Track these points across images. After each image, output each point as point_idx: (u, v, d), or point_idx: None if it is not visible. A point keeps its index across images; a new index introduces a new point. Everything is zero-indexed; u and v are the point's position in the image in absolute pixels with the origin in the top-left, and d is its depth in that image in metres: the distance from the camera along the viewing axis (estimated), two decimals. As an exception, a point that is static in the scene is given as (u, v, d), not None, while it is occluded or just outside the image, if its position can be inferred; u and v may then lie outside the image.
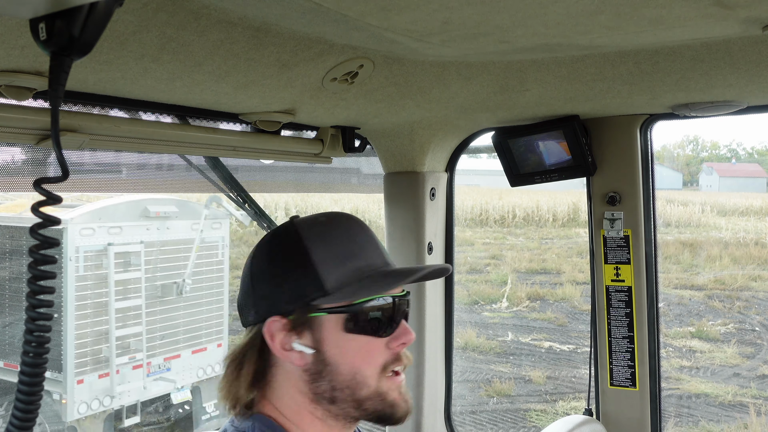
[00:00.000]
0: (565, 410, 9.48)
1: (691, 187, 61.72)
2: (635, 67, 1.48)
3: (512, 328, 13.53)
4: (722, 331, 13.01)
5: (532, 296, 15.52)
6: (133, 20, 1.01)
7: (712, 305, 14.89)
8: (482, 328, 13.49)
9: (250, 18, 1.09)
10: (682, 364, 11.35)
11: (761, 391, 10.05)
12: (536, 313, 14.45)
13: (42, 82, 1.19)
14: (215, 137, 1.74)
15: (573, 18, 1.09)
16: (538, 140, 2.13)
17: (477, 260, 20.10)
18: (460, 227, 26.76)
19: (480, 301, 15.55)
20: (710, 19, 1.10)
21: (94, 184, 2.40)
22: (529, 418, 9.31)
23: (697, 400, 9.83)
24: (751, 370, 10.96)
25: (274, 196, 24.13)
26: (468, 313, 14.71)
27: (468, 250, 21.88)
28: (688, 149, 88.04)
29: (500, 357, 11.85)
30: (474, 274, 18.14)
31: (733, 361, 11.41)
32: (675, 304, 15.01)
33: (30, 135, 1.38)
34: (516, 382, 10.61)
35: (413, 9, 1.03)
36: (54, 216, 0.85)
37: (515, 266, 18.78)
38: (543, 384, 10.50)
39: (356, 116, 1.91)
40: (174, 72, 1.26)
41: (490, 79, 1.59)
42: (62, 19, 0.76)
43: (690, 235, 24.99)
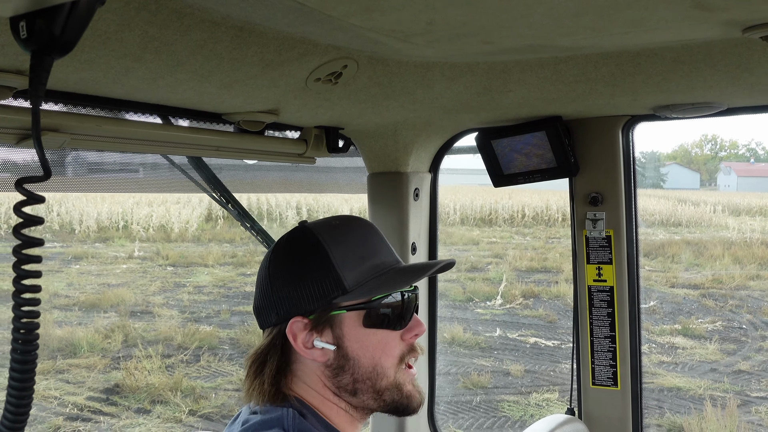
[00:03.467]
0: (537, 402, 9.68)
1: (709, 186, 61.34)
2: (617, 68, 1.49)
3: (502, 324, 13.67)
4: (709, 328, 13.18)
5: (527, 294, 15.63)
6: (115, 19, 1.00)
7: (704, 303, 15.04)
8: (472, 324, 13.63)
9: (233, 17, 1.08)
10: (661, 360, 11.53)
11: (733, 386, 10.23)
12: (528, 310, 14.58)
13: (23, 81, 1.17)
14: (198, 137, 1.73)
15: (556, 20, 1.10)
16: (521, 141, 2.14)
17: (480, 259, 20.15)
18: (468, 226, 26.84)
19: (475, 298, 15.68)
20: (691, 22, 1.12)
21: (76, 185, 2.38)
22: (501, 408, 9.49)
23: (669, 394, 10.00)
24: (728, 366, 11.15)
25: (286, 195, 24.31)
26: (461, 310, 14.84)
27: (472, 249, 21.93)
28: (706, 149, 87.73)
29: (484, 352, 12.00)
30: (473, 272, 18.23)
31: (713, 357, 11.58)
32: (668, 302, 15.16)
33: (10, 134, 1.37)
34: (495, 375, 10.79)
35: (397, 10, 1.03)
36: (37, 216, 0.85)
37: (516, 265, 18.88)
38: (521, 377, 10.67)
39: (340, 116, 1.90)
40: (156, 71, 1.25)
41: (474, 79, 1.60)
42: (43, 18, 0.75)
43: (697, 234, 25.12)
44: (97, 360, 10.80)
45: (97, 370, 10.43)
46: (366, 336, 1.35)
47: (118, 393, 9.56)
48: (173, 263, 19.22)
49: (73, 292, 15.32)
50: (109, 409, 9.02)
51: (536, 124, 2.09)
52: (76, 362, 10.71)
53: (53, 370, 10.34)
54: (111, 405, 9.15)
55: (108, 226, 23.83)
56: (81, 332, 11.89)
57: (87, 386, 9.76)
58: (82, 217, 23.96)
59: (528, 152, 2.15)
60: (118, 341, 11.70)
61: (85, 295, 14.94)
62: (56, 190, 4.03)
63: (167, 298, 15.25)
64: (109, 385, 9.80)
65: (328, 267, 1.33)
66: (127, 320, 12.98)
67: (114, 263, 18.95)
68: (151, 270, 18.23)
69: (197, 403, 9.11)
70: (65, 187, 2.48)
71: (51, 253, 19.44)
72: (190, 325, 12.70)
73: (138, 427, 8.45)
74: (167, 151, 1.99)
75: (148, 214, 24.75)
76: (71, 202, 24.69)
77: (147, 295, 15.39)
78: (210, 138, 1.76)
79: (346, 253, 1.35)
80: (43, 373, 10.07)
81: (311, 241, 1.35)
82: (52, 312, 13.29)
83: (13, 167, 2.20)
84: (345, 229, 1.39)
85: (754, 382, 10.43)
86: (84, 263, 18.73)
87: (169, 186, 2.69)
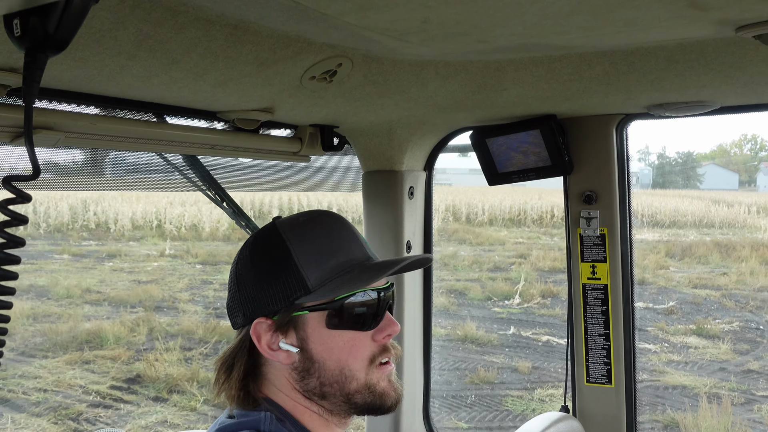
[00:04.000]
0: (540, 397, 9.78)
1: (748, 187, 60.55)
2: (611, 67, 1.49)
3: (517, 322, 13.77)
4: (726, 328, 13.21)
5: (546, 293, 15.70)
6: (109, 17, 1.00)
7: (724, 304, 15.08)
8: (487, 323, 13.75)
9: (228, 16, 1.08)
10: (671, 359, 11.61)
11: (739, 384, 10.29)
12: (545, 309, 14.69)
13: (16, 78, 1.17)
14: (193, 135, 1.73)
15: (550, 18, 1.10)
16: (515, 139, 2.14)
17: (504, 259, 20.16)
18: (497, 227, 26.83)
19: (493, 297, 15.78)
20: (685, 21, 1.12)
21: (70, 183, 2.37)
22: (504, 402, 9.61)
23: (673, 392, 10.07)
24: (738, 366, 11.20)
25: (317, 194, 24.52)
26: (478, 309, 14.95)
27: (497, 249, 21.94)
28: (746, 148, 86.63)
29: (496, 349, 12.11)
30: (495, 272, 18.31)
31: (724, 356, 11.65)
32: (688, 303, 15.21)
33: (4, 133, 1.36)
34: (502, 371, 10.90)
35: (392, 8, 1.03)
36: (22, 215, 0.84)
37: (539, 265, 18.88)
38: (528, 374, 10.79)
39: (335, 115, 1.90)
40: (151, 69, 1.25)
41: (469, 78, 1.60)
42: (37, 16, 0.75)
43: (729, 236, 25.02)
44: (122, 351, 11.24)
45: (120, 361, 10.84)
46: (331, 338, 1.29)
47: (138, 382, 9.95)
48: (202, 261, 19.52)
49: (104, 288, 15.87)
50: (130, 397, 9.44)
51: (531, 122, 2.10)
52: (102, 353, 11.17)
53: (80, 361, 10.81)
54: (131, 393, 9.57)
55: (142, 225, 24.22)
56: (108, 326, 12.43)
57: (110, 376, 10.22)
58: (117, 217, 24.49)
59: (522, 151, 2.16)
60: (142, 334, 12.18)
61: (115, 291, 15.48)
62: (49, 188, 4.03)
63: (193, 294, 15.66)
64: (131, 375, 10.21)
65: (290, 266, 1.28)
66: (152, 315, 13.48)
67: (145, 261, 19.43)
68: (180, 268, 18.62)
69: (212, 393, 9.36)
70: (58, 186, 2.47)
71: (86, 251, 20.26)
72: (212, 321, 13.11)
73: (155, 415, 8.82)
74: (162, 149, 1.99)
75: (181, 213, 25.20)
76: (107, 201, 25.29)
77: (174, 292, 15.80)
78: (205, 136, 1.76)
79: (310, 251, 1.30)
80: (71, 363, 10.63)
81: (275, 240, 1.31)
82: (83, 307, 14.02)
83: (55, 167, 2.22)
84: (311, 226, 1.34)
85: (762, 382, 10.45)
86: (117, 261, 19.31)
87: (164, 185, 2.69)
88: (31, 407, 9.00)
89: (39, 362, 10.73)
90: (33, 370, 10.42)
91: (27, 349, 11.34)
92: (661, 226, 27.03)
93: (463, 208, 28.29)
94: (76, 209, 24.98)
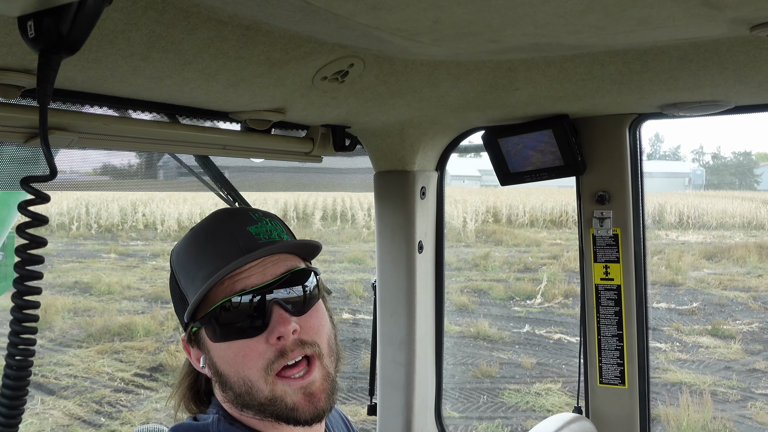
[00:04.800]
0: (537, 390, 10.01)
1: None
2: (624, 66, 1.49)
3: (533, 321, 13.93)
4: (744, 329, 13.20)
5: (569, 293, 15.80)
6: (122, 18, 1.00)
7: (750, 306, 15.05)
8: (503, 321, 13.92)
9: (240, 16, 1.08)
10: (679, 357, 11.66)
11: (740, 383, 10.37)
12: (565, 309, 14.81)
13: (30, 80, 1.18)
14: (205, 136, 1.73)
15: (562, 18, 1.10)
16: (528, 139, 2.14)
17: (537, 260, 20.22)
18: (537, 228, 26.82)
19: (516, 297, 15.93)
20: (698, 20, 1.11)
21: (84, 183, 2.39)
22: (501, 395, 9.90)
23: (672, 388, 10.20)
24: (745, 365, 11.24)
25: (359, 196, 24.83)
26: (498, 307, 15.12)
27: (533, 251, 21.99)
28: None
29: (506, 346, 12.30)
30: (525, 272, 18.42)
31: (734, 356, 11.68)
32: (713, 304, 15.18)
33: (18, 133, 1.37)
34: (506, 366, 11.11)
35: (403, 8, 1.03)
36: (42, 215, 0.85)
37: (569, 266, 18.92)
38: (530, 369, 11.00)
39: (346, 115, 1.91)
40: (163, 70, 1.26)
41: (481, 78, 1.60)
42: (51, 17, 0.76)
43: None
44: (150, 343, 12.06)
45: (146, 351, 11.67)
46: (222, 350, 1.24)
47: (160, 371, 10.77)
48: (238, 258, 20.16)
49: (143, 285, 16.76)
50: (150, 384, 10.28)
51: (543, 122, 2.09)
52: (131, 344, 12.02)
53: (110, 351, 11.71)
54: (152, 381, 10.40)
55: (188, 226, 25.14)
56: (139, 319, 13.31)
57: (136, 365, 11.06)
58: (164, 218, 25.24)
59: (535, 151, 2.15)
60: (170, 328, 12.91)
61: (153, 288, 16.31)
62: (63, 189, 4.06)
63: None
64: (154, 364, 11.02)
65: (177, 290, 1.32)
66: None
67: None
68: None
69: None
70: (72, 187, 2.49)
71: (132, 251, 21.33)
72: None
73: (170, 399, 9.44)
74: (174, 150, 2.00)
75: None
76: (155, 203, 26.23)
77: None
78: (217, 137, 1.76)
79: (185, 274, 1.30)
80: (102, 353, 11.58)
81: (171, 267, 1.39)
82: (122, 302, 15.00)
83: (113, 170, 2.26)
84: (186, 246, 1.34)
85: (764, 380, 10.53)
86: (160, 260, 20.06)
87: (176, 185, 2.70)
88: (60, 391, 9.80)
89: (73, 351, 11.63)
90: (67, 358, 11.22)
91: (64, 340, 12.26)
92: (707, 228, 26.82)
93: (504, 210, 28.30)
94: (126, 211, 26.09)
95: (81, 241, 22.85)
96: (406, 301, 2.29)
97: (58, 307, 14.02)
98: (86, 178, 2.24)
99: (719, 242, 23.09)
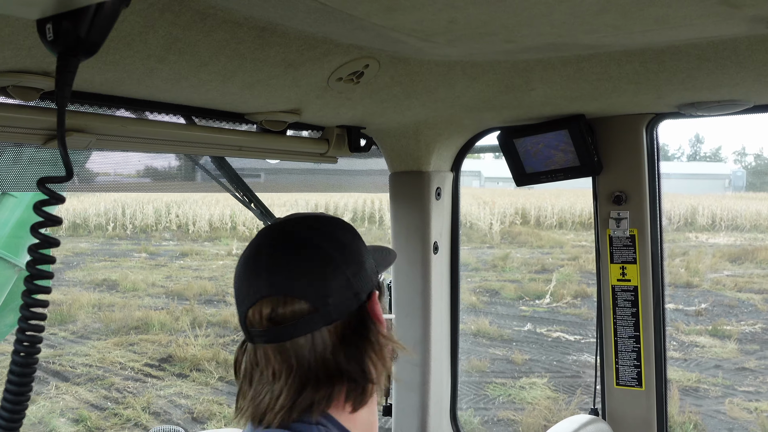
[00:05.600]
0: (521, 384, 10.24)
1: None
2: (641, 66, 1.47)
3: (536, 320, 14.02)
4: (747, 330, 13.14)
5: (579, 294, 15.80)
6: (140, 21, 1.01)
7: (759, 307, 14.94)
8: (506, 320, 14.06)
9: (255, 18, 1.09)
10: (671, 356, 11.68)
11: (725, 380, 10.48)
12: (572, 308, 14.82)
13: (49, 82, 1.19)
14: (221, 137, 1.74)
15: (579, 17, 1.09)
16: (543, 139, 2.13)
17: (556, 261, 20.16)
18: (565, 230, 26.78)
19: (526, 297, 16.01)
20: (717, 18, 1.10)
21: (100, 185, 2.41)
22: (486, 388, 10.20)
23: None
24: (736, 364, 11.30)
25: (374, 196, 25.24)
26: (506, 307, 15.23)
27: (555, 252, 21.92)
28: None
29: (504, 343, 12.44)
30: (540, 273, 18.44)
31: (727, 355, 11.71)
32: (723, 305, 15.09)
33: (37, 135, 1.39)
34: (498, 361, 11.36)
35: (418, 9, 1.03)
36: (56, 216, 0.85)
37: (587, 267, 18.87)
38: (521, 364, 11.20)
39: (362, 116, 1.91)
40: (180, 72, 1.27)
41: (496, 78, 1.59)
42: (69, 20, 0.76)
43: None
44: (163, 336, 12.71)
45: (159, 343, 12.31)
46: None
47: (169, 362, 11.44)
48: (263, 260, 20.79)
49: (168, 283, 17.32)
50: (158, 373, 10.94)
51: (559, 122, 2.08)
52: (146, 337, 12.67)
53: (125, 343, 12.37)
54: (160, 370, 11.06)
55: (219, 227, 25.60)
56: (155, 314, 13.94)
57: (147, 356, 11.71)
58: (196, 219, 25.93)
59: (551, 151, 2.14)
60: (185, 322, 13.62)
61: (175, 285, 16.85)
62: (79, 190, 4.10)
63: None
64: (164, 356, 11.68)
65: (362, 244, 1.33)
66: (200, 306, 14.98)
67: (213, 260, 20.81)
68: None
69: (227, 371, 10.80)
70: (88, 188, 2.50)
71: (163, 251, 21.98)
72: None
73: (173, 388, 10.31)
74: (190, 151, 2.01)
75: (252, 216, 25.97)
76: (188, 204, 26.88)
77: (227, 287, 16.70)
78: (232, 138, 1.77)
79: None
80: (118, 345, 12.23)
81: (343, 224, 1.34)
82: (144, 298, 15.66)
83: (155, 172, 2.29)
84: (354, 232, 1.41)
85: (750, 378, 10.66)
86: (188, 259, 20.81)
87: (192, 186, 2.71)
88: (75, 378, 10.54)
89: (92, 343, 12.36)
90: (85, 349, 11.97)
91: (85, 333, 13.02)
92: (740, 230, 26.54)
93: (533, 211, 28.23)
94: (160, 212, 26.77)
95: (116, 241, 23.76)
96: (421, 301, 2.29)
97: (83, 302, 14.72)
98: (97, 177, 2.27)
99: (749, 245, 22.79)
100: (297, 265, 1.22)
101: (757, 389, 10.20)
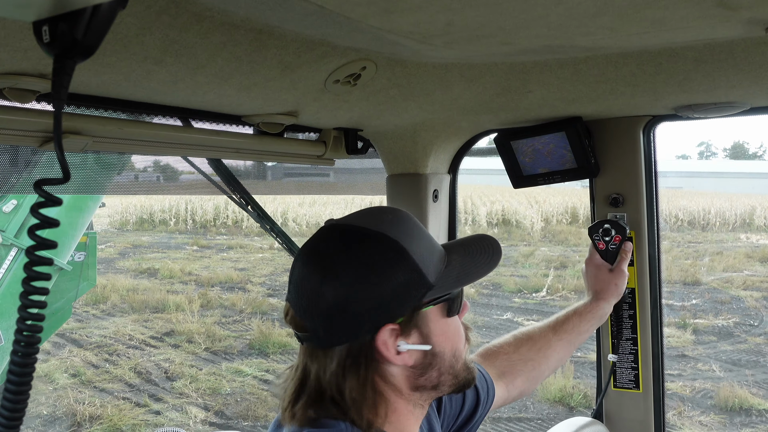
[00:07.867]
0: None
1: None
2: (638, 68, 1.48)
3: (520, 311, 14.32)
4: (719, 324, 13.34)
5: (578, 289, 15.90)
6: (136, 23, 1.01)
7: (750, 304, 15.04)
8: (491, 309, 14.41)
9: (252, 20, 1.09)
10: None
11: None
12: (564, 301, 15.00)
13: (45, 84, 1.19)
14: (218, 139, 1.74)
15: (575, 20, 1.09)
16: (540, 142, 2.13)
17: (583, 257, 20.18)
18: None
19: (524, 290, 16.26)
20: (713, 21, 1.10)
21: (97, 187, 2.40)
22: None
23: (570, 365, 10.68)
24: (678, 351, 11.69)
25: None
26: (500, 298, 15.55)
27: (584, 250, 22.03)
28: None
29: (477, 329, 12.65)
30: (556, 269, 18.63)
31: (677, 344, 12.08)
32: (716, 301, 15.22)
33: (33, 137, 1.39)
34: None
35: (416, 11, 1.03)
36: (53, 218, 0.85)
37: None
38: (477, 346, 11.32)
39: (359, 118, 1.91)
40: (177, 74, 1.26)
41: (493, 80, 1.59)
42: (65, 22, 0.76)
43: None
44: (174, 315, 14.02)
45: (168, 321, 13.65)
46: (447, 326, 1.31)
47: (169, 335, 12.78)
48: (300, 253, 21.65)
49: (202, 272, 18.58)
50: (156, 343, 12.32)
51: (556, 124, 2.08)
52: (159, 316, 14.09)
53: (141, 320, 13.78)
54: (159, 341, 12.43)
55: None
56: (173, 297, 15.29)
57: (155, 330, 13.12)
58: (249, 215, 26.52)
59: (548, 153, 2.14)
60: (197, 304, 14.91)
61: (208, 274, 18.13)
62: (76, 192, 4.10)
63: (267, 279, 17.88)
64: (168, 330, 13.05)
65: (409, 264, 1.23)
66: (219, 292, 16.22)
67: (253, 252, 21.84)
68: (278, 258, 20.41)
69: (213, 344, 12.18)
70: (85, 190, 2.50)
71: (213, 244, 23.48)
72: (261, 298, 15.50)
73: (163, 354, 11.63)
74: (187, 153, 2.01)
75: (305, 213, 27.51)
76: None
77: (252, 276, 18.15)
78: (229, 140, 1.77)
79: (420, 247, 1.27)
80: (134, 321, 13.67)
81: (382, 238, 1.24)
82: (174, 285, 16.95)
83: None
84: (407, 221, 1.32)
85: (681, 364, 11.09)
86: (231, 252, 21.96)
87: (189, 188, 2.71)
88: (87, 345, 12.08)
89: (113, 319, 13.88)
90: (106, 324, 13.45)
91: (112, 311, 14.54)
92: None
93: (582, 211, 28.31)
94: (219, 208, 27.97)
95: (175, 235, 25.39)
96: None
97: (118, 286, 16.13)
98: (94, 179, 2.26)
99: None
100: None
101: (680, 373, 10.68)
